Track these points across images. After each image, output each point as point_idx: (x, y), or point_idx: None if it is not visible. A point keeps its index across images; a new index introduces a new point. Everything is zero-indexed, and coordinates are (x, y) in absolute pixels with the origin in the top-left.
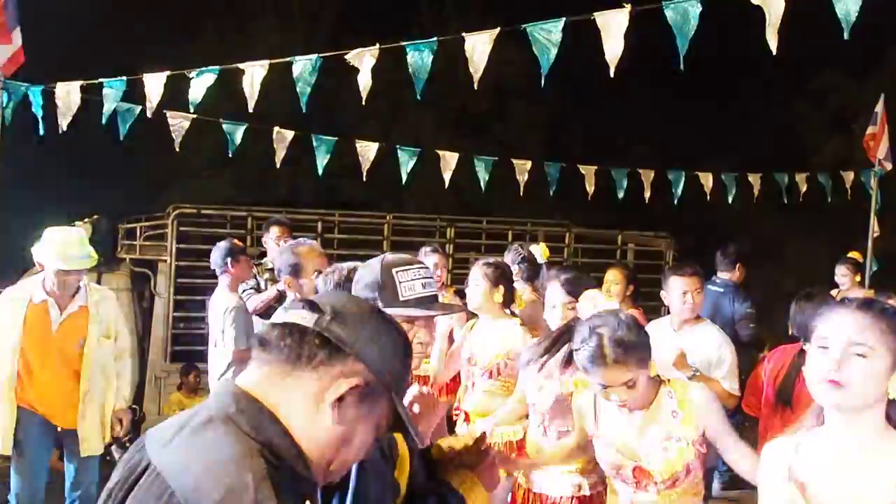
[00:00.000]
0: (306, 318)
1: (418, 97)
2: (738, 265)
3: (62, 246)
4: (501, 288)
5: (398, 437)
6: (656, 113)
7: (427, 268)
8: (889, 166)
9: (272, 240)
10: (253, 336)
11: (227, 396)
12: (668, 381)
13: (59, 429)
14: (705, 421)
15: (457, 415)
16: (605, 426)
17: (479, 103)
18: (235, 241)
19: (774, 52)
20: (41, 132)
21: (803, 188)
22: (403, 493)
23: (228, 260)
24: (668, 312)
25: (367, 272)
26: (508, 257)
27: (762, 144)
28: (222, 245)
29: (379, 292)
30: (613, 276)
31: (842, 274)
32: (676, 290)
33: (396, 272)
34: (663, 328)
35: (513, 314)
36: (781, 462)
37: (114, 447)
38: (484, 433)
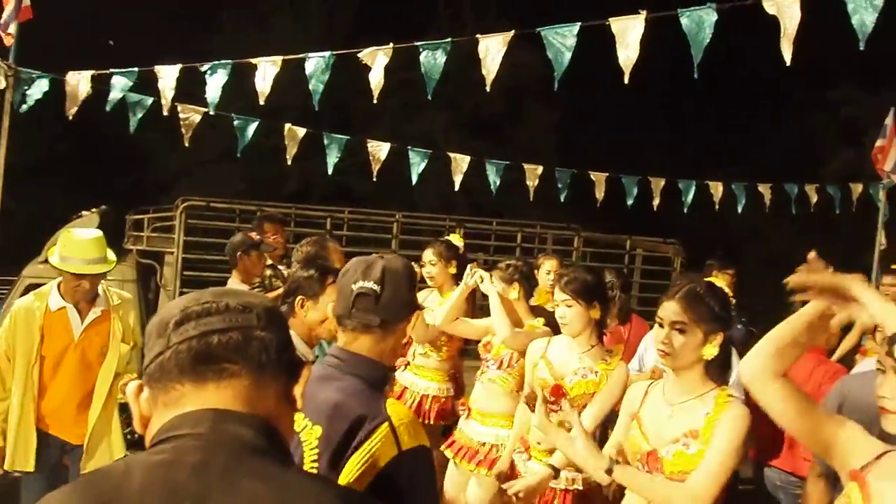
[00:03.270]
0: (241, 320)
1: (430, 97)
2: (713, 272)
3: (77, 249)
4: (516, 286)
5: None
6: (669, 120)
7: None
8: None
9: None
10: (187, 359)
11: (233, 424)
12: (725, 388)
13: (66, 446)
14: (715, 432)
15: (462, 411)
16: (646, 407)
17: (494, 104)
18: (251, 234)
19: (789, 63)
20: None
21: (813, 199)
22: None
23: (239, 253)
24: None
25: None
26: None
27: (774, 155)
28: (235, 238)
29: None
30: (551, 265)
31: (889, 283)
32: None
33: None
34: None
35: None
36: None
37: None
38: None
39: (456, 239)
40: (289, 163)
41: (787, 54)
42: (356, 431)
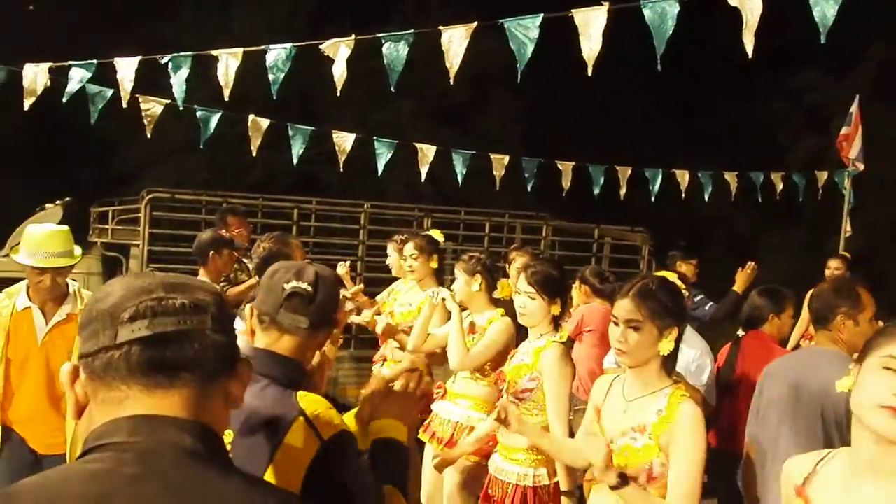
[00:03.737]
0: (196, 322)
1: (393, 89)
2: (677, 262)
3: (38, 242)
4: (479, 277)
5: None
6: (635, 109)
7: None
8: (861, 166)
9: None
10: (143, 361)
11: (172, 432)
12: (679, 385)
13: (37, 454)
14: (676, 437)
15: (437, 394)
16: (608, 400)
17: (460, 93)
18: (222, 232)
19: (751, 55)
20: None
21: (779, 187)
22: None
23: (211, 252)
24: None
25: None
26: None
27: (740, 142)
28: (205, 236)
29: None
30: (524, 261)
31: (835, 268)
32: None
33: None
34: None
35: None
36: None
37: None
38: (390, 379)
39: (436, 234)
40: (253, 154)
41: (749, 47)
42: (270, 434)
